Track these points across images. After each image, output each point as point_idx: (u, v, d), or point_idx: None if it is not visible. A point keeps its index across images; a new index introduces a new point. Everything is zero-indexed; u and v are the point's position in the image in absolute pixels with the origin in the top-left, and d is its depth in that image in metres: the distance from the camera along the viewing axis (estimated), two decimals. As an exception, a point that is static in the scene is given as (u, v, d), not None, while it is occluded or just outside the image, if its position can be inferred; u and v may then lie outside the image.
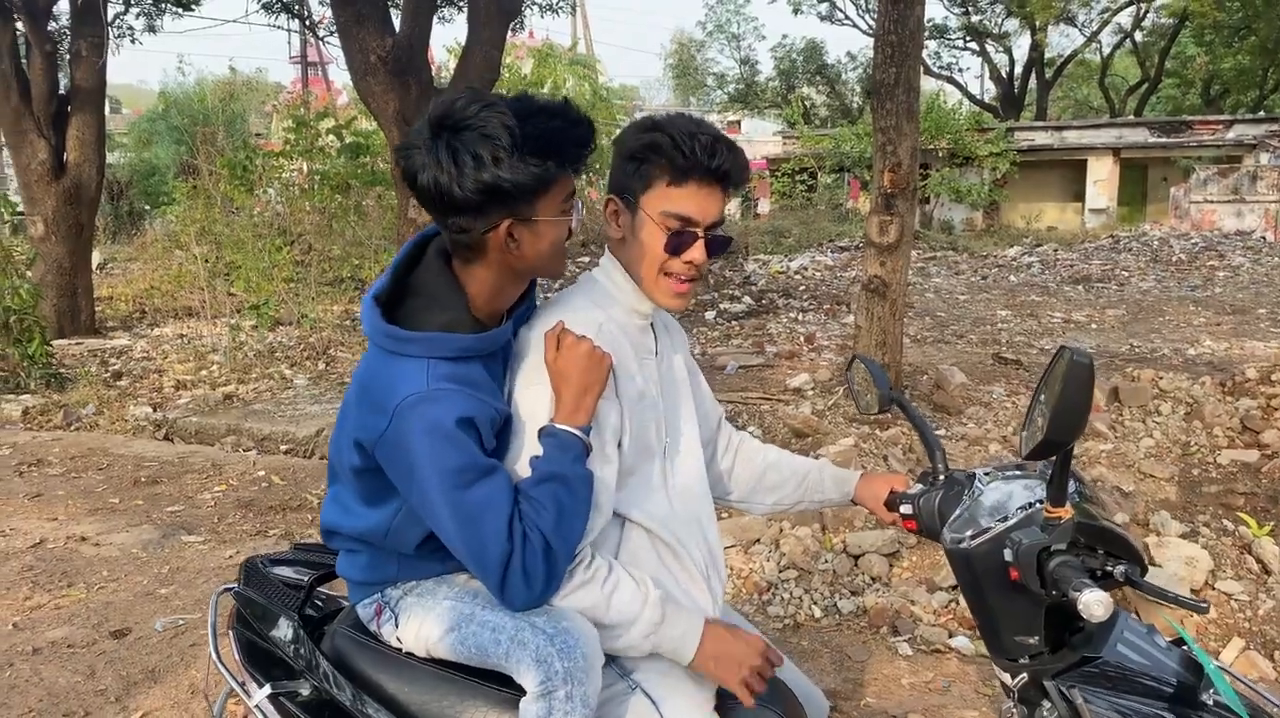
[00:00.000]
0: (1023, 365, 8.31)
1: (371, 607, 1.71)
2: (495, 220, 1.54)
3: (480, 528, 1.51)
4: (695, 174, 1.62)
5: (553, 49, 24.68)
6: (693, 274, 1.68)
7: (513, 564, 1.51)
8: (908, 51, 6.37)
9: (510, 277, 1.63)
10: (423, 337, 1.57)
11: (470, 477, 1.51)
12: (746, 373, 8.16)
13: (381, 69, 7.55)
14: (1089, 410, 1.40)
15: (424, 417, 1.51)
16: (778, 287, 13.60)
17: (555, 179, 1.55)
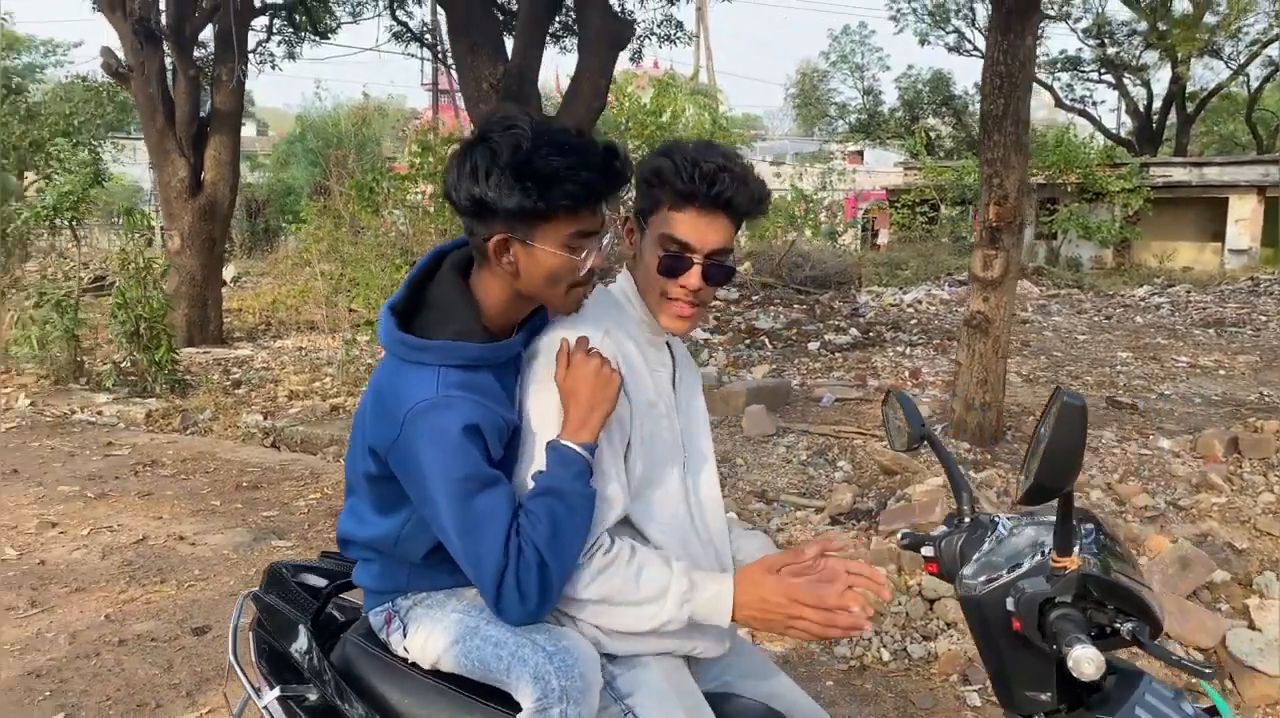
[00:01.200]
0: (1138, 410, 7.94)
1: (382, 616, 1.74)
2: (491, 230, 1.58)
3: (480, 539, 1.53)
4: (695, 200, 1.64)
5: (674, 78, 24.93)
6: (691, 300, 1.69)
7: (507, 578, 1.53)
8: (1017, 82, 6.21)
9: (514, 295, 1.64)
10: (434, 344, 1.60)
11: (473, 486, 1.53)
12: (843, 406, 8.02)
13: (492, 96, 7.75)
14: (1081, 455, 1.34)
15: (432, 423, 1.53)
16: (887, 319, 13.34)
17: (553, 213, 1.55)
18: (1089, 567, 1.45)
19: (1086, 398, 1.40)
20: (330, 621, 1.87)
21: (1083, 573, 1.43)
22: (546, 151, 1.52)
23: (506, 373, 1.67)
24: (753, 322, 12.67)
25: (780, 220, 22.38)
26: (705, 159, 1.63)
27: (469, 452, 1.53)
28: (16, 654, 3.58)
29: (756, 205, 1.69)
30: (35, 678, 3.40)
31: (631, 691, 1.63)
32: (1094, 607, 1.44)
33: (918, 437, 1.90)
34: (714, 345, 11.34)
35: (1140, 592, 1.46)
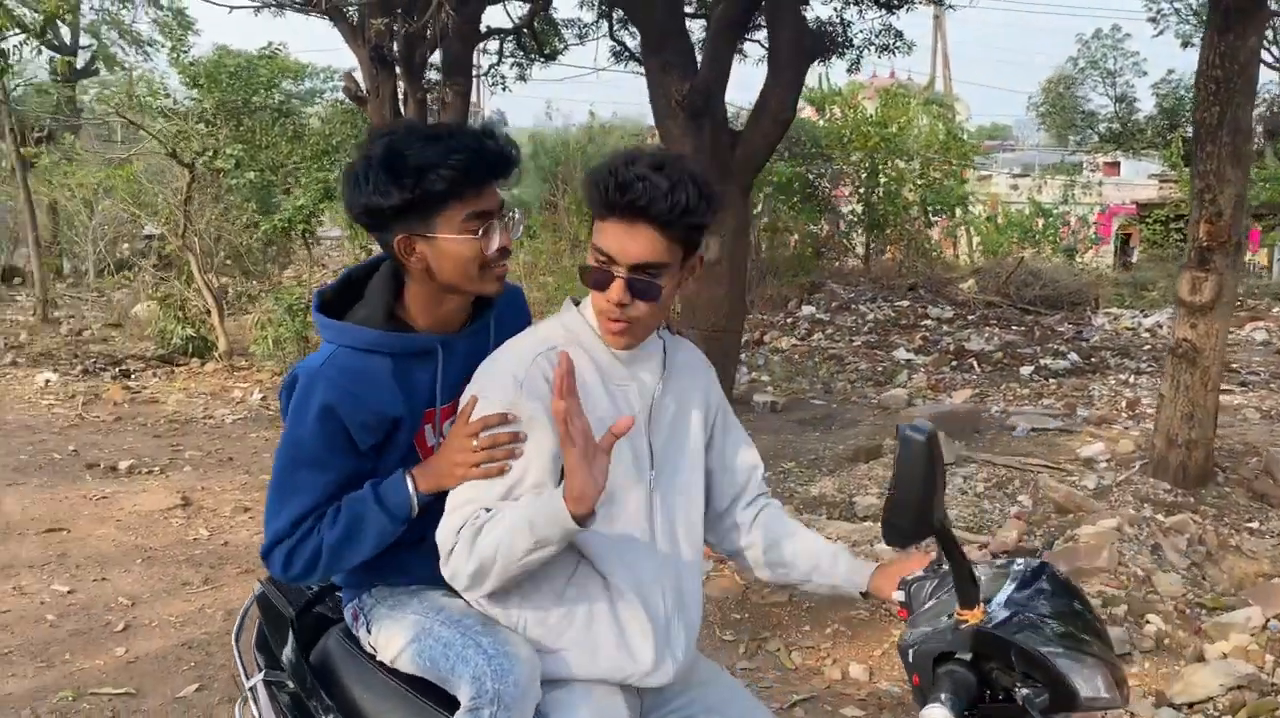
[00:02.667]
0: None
1: (350, 611, 1.84)
2: (394, 234, 1.68)
3: (280, 504, 1.67)
4: (614, 210, 1.59)
5: (905, 88, 24.19)
6: (616, 315, 1.62)
7: (281, 547, 1.67)
8: (1235, 88, 5.60)
9: (434, 290, 1.73)
10: (334, 324, 1.73)
11: (301, 458, 1.66)
12: (1039, 437, 7.51)
13: (680, 112, 7.82)
14: (930, 491, 1.25)
15: (301, 392, 1.67)
16: (1116, 344, 12.36)
17: (438, 201, 1.64)
18: (989, 623, 1.35)
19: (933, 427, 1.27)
20: (322, 616, 1.96)
21: (976, 629, 1.34)
22: (417, 145, 1.63)
23: (415, 365, 1.73)
24: (963, 342, 12.09)
25: (1014, 235, 21.27)
26: (624, 168, 1.58)
27: (315, 428, 1.64)
28: (177, 627, 3.97)
29: (684, 215, 1.58)
30: (186, 649, 3.76)
31: (550, 711, 1.64)
32: (1002, 667, 1.33)
33: None
34: (915, 366, 10.92)
35: (1052, 657, 1.32)
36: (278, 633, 1.92)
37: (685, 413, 1.80)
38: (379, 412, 1.68)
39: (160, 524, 5.26)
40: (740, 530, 1.92)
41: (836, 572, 1.84)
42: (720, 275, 8.18)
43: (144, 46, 25.26)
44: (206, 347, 10.59)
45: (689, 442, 1.80)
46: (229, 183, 14.23)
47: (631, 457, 1.69)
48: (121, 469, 6.27)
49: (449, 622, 1.67)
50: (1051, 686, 1.30)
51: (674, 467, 1.76)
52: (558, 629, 1.67)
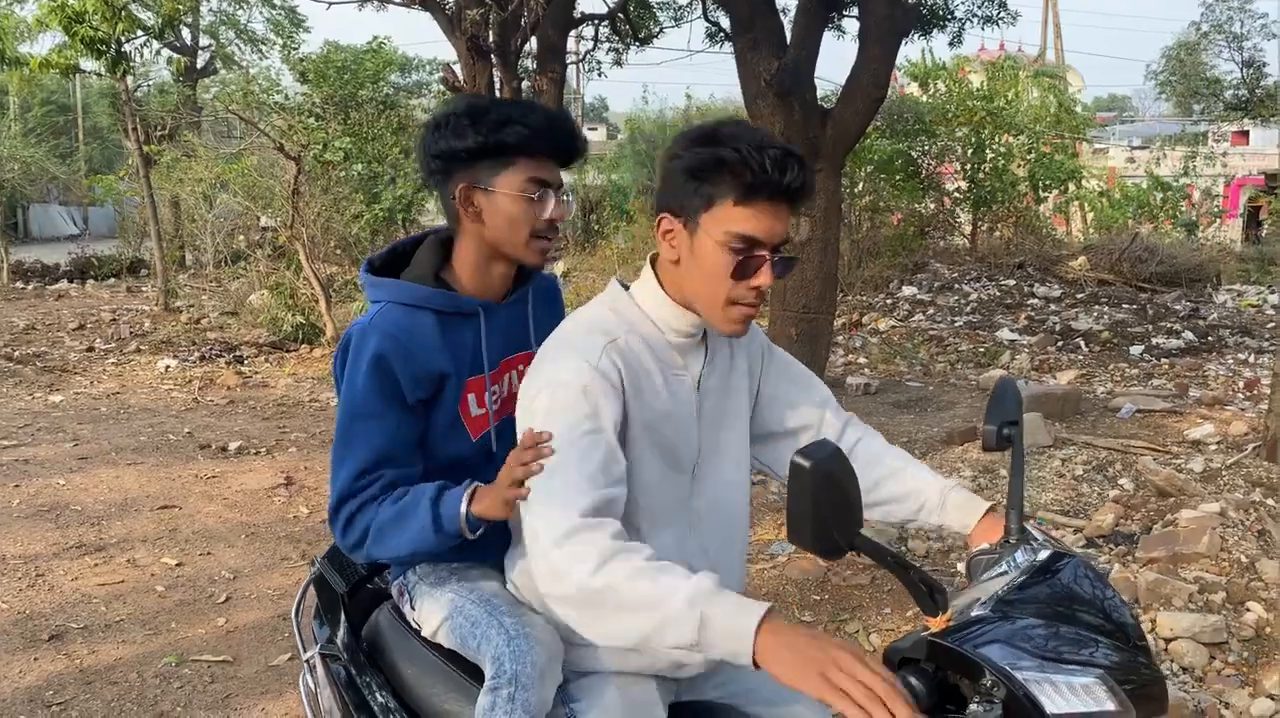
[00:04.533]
0: None
1: (396, 587, 1.90)
2: (458, 184, 1.76)
3: (342, 457, 1.73)
4: (765, 192, 1.51)
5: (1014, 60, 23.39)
6: (758, 299, 1.58)
7: (347, 505, 1.72)
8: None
9: (484, 250, 1.80)
10: (382, 280, 1.81)
11: (356, 410, 1.71)
12: (1144, 418, 7.23)
13: (769, 91, 7.75)
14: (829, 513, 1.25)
15: (356, 345, 1.74)
16: (1236, 322, 11.77)
17: (508, 156, 1.73)
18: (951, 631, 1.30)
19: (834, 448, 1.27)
20: (374, 592, 2.02)
21: (926, 637, 1.29)
22: (500, 105, 1.77)
23: (459, 326, 1.79)
24: (1070, 322, 11.69)
25: (1129, 210, 20.41)
26: (770, 146, 1.51)
27: (368, 381, 1.69)
28: (274, 599, 4.17)
29: (813, 190, 1.59)
30: (281, 620, 3.95)
31: (579, 697, 1.64)
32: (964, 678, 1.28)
33: (994, 435, 1.68)
34: (1019, 347, 10.61)
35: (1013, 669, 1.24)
36: (332, 609, 1.99)
37: (728, 390, 1.74)
38: (427, 366, 1.73)
39: (264, 502, 5.51)
40: None
41: (944, 512, 1.75)
42: (811, 256, 8.09)
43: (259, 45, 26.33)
44: (315, 333, 10.99)
45: (735, 420, 1.75)
46: (338, 174, 14.75)
47: (684, 447, 1.65)
48: (231, 450, 6.58)
49: (480, 600, 1.71)
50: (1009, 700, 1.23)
51: (719, 452, 1.72)
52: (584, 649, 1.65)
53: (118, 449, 6.56)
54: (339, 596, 1.96)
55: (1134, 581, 3.94)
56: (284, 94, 17.22)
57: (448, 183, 1.78)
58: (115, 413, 7.78)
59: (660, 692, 1.68)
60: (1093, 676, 1.27)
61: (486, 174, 1.74)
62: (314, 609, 2.06)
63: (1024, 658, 1.26)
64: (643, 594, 1.33)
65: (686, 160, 1.55)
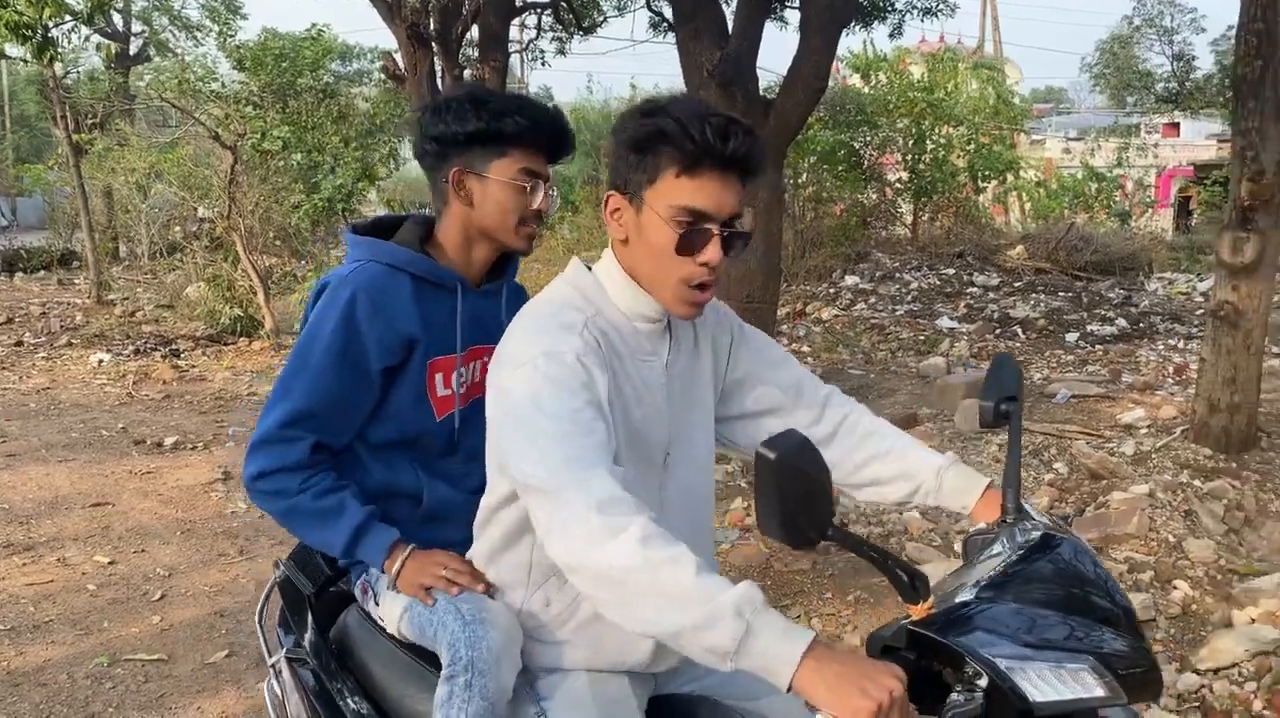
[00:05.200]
0: None
1: (359, 585, 1.86)
2: (452, 167, 1.81)
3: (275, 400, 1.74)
4: (707, 162, 1.45)
5: (953, 52, 23.70)
6: (708, 278, 1.50)
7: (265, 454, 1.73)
8: (1278, 41, 5.42)
9: (469, 232, 1.85)
10: (366, 240, 1.83)
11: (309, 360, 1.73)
12: (1079, 403, 7.39)
13: (711, 82, 7.77)
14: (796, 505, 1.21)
15: (329, 294, 1.76)
16: (1167, 309, 12.07)
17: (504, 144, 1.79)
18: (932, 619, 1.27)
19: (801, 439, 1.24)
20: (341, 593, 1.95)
21: (907, 626, 1.27)
22: (501, 96, 1.82)
23: (436, 296, 1.81)
24: (1008, 310, 11.90)
25: (1065, 200, 20.82)
26: (711, 114, 1.46)
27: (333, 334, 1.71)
28: (211, 596, 4.09)
29: (762, 161, 1.53)
30: (219, 617, 3.88)
31: (549, 694, 1.61)
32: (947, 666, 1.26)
33: (992, 412, 1.66)
34: (958, 335, 10.78)
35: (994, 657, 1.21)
36: (298, 611, 1.94)
37: (694, 376, 1.68)
38: (398, 329, 1.75)
39: (200, 498, 5.41)
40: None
41: (940, 493, 1.69)
42: (753, 246, 8.14)
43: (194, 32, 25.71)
44: (254, 325, 10.80)
45: (702, 406, 1.69)
46: (276, 164, 14.47)
47: (654, 435, 1.59)
48: (166, 445, 6.44)
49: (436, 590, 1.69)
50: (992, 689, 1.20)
51: (688, 440, 1.66)
52: (560, 619, 1.61)
53: (48, 446, 6.39)
54: (305, 597, 1.91)
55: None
56: (220, 82, 16.81)
57: (442, 165, 1.83)
58: (45, 409, 7.58)
59: (634, 687, 1.64)
60: (1082, 661, 1.24)
61: (481, 160, 1.80)
62: (278, 612, 2.00)
63: (1006, 644, 1.23)
64: (686, 587, 1.25)
65: (629, 133, 1.50)
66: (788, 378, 1.80)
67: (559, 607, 1.61)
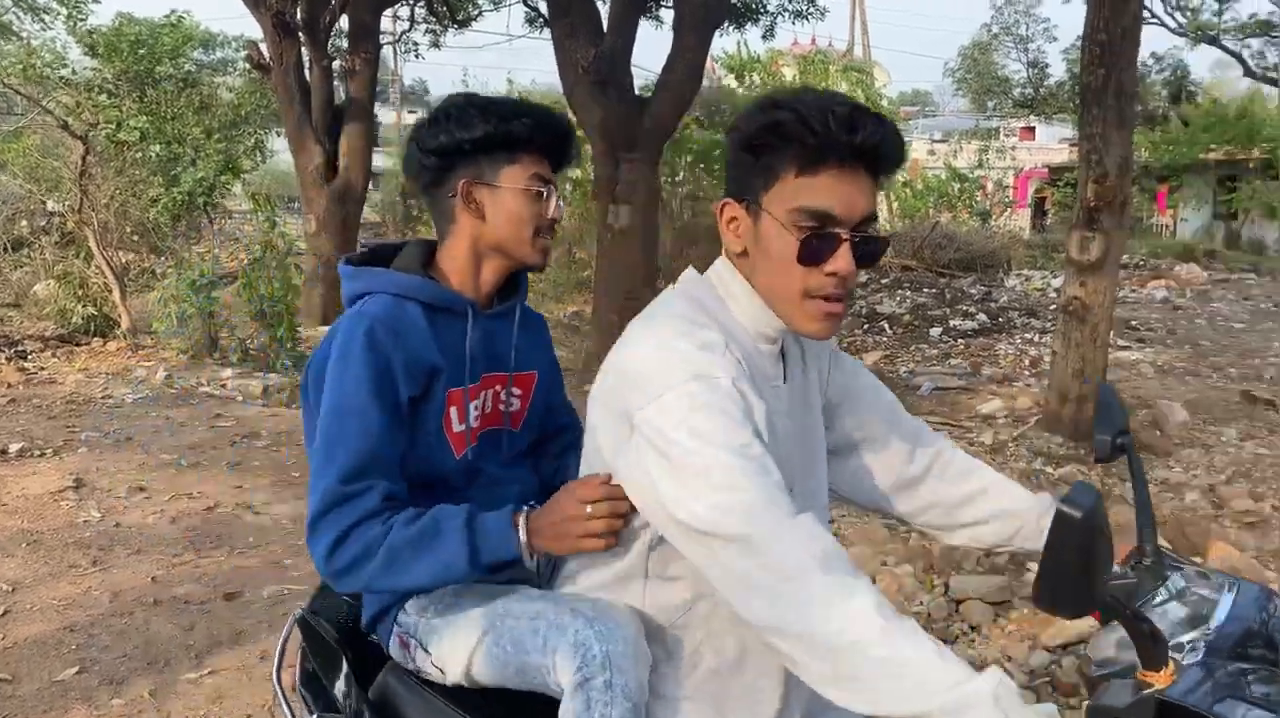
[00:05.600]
0: (1275, 407, 7.26)
1: (397, 642, 1.61)
2: (457, 180, 1.65)
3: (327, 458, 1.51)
4: (833, 156, 1.27)
5: (824, 55, 24.34)
6: (839, 290, 1.32)
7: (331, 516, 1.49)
8: (1119, 51, 5.76)
9: (477, 250, 1.68)
10: (367, 270, 1.66)
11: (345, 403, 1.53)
12: (942, 396, 7.69)
13: (586, 79, 7.78)
14: (1085, 568, 1.10)
15: (344, 336, 1.57)
16: (1024, 304, 12.67)
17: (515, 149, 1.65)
18: (1181, 687, 1.18)
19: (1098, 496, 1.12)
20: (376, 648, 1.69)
21: (1160, 697, 1.16)
22: (503, 99, 1.70)
23: (447, 322, 1.65)
24: (875, 306, 12.30)
25: (930, 200, 21.60)
26: (835, 102, 1.28)
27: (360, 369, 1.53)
28: (60, 610, 3.88)
29: (901, 153, 1.34)
30: (68, 632, 3.67)
31: None
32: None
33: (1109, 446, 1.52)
34: (830, 330, 11.08)
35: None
36: (328, 667, 1.69)
37: (807, 404, 1.50)
38: (421, 356, 1.59)
39: (49, 507, 5.11)
40: (911, 489, 1.62)
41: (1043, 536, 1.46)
42: (632, 244, 8.21)
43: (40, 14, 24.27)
44: (109, 325, 10.28)
45: (817, 438, 1.52)
46: (134, 156, 13.81)
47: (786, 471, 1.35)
48: (11, 453, 6.07)
49: (525, 596, 1.50)
50: None
51: (813, 477, 1.50)
52: (681, 674, 1.42)
53: (-124, 455, 5.95)
54: (337, 650, 1.66)
55: (929, 548, 4.19)
56: (71, 68, 15.94)
57: (445, 179, 1.67)
58: (-126, 416, 7.05)
59: None
60: None
61: (490, 169, 1.65)
62: (297, 670, 1.77)
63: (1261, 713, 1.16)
64: (929, 666, 1.10)
65: (743, 132, 1.34)
66: (884, 406, 1.63)
67: (681, 658, 1.43)
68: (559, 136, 1.71)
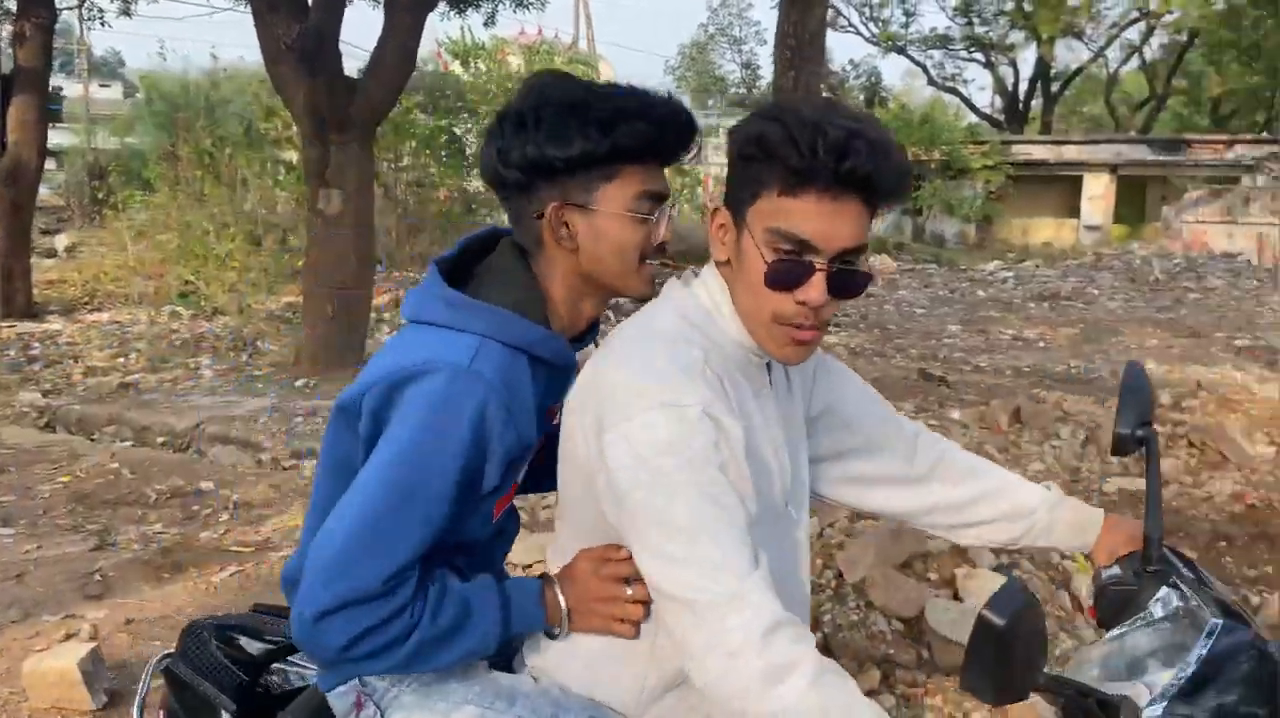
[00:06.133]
0: (947, 383, 8.08)
1: (349, 698, 1.36)
2: (545, 201, 1.34)
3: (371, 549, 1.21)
4: (817, 180, 1.19)
5: (550, 46, 24.52)
6: (811, 321, 1.25)
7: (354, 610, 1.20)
8: (807, 56, 6.19)
9: (579, 279, 1.38)
10: (489, 308, 1.30)
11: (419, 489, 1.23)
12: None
13: (290, 56, 7.39)
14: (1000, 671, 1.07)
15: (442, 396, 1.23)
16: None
17: (618, 165, 1.32)
18: None
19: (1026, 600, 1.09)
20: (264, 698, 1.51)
21: None
22: (606, 94, 1.32)
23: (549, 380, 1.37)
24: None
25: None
26: (830, 122, 1.19)
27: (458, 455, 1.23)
28: None
29: (901, 184, 1.24)
30: None
31: None
32: None
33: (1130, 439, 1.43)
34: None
35: None
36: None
37: (792, 409, 1.45)
38: (524, 438, 1.30)
39: None
40: (915, 491, 1.57)
41: (1053, 532, 1.51)
42: (345, 231, 7.89)
43: None
44: None
45: (802, 444, 1.46)
46: None
47: (779, 484, 1.34)
48: None
49: (528, 708, 1.31)
50: None
51: (800, 482, 1.44)
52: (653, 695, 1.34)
53: None
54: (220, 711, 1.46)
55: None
56: None
57: (529, 199, 1.36)
58: None
59: None
60: None
61: (583, 189, 1.33)
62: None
63: None
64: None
65: (736, 138, 1.26)
66: (876, 411, 1.57)
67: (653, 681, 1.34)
68: (677, 137, 1.37)
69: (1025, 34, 27.36)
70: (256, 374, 8.19)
